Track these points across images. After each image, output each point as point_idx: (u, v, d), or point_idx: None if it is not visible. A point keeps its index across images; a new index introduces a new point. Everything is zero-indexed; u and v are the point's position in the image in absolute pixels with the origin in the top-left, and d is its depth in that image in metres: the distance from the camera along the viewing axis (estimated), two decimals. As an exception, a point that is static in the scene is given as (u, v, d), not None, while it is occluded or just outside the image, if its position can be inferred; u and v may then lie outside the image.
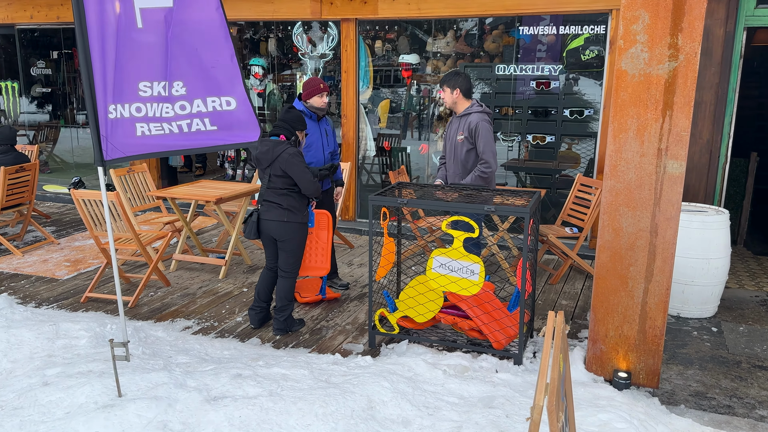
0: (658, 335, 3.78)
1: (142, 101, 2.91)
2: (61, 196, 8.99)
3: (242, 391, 3.19)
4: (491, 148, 4.67)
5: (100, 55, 2.80)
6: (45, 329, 3.97)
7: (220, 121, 2.99)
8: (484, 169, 4.67)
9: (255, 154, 4.31)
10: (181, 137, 2.97)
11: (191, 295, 5.37)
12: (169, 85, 2.91)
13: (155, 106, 2.92)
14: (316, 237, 4.84)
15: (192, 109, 2.96)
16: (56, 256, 6.42)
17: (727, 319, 5.00)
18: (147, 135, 2.93)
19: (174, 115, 2.94)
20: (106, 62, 2.81)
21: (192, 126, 2.96)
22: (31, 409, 3.05)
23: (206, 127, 2.97)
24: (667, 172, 3.58)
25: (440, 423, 3.05)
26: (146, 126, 2.92)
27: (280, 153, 4.23)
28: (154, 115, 2.91)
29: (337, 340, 4.51)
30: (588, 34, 6.37)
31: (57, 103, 9.69)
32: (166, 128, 2.94)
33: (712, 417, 3.59)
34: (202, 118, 2.97)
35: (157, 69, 2.91)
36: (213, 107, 2.98)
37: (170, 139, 2.95)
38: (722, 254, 4.92)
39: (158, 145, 2.94)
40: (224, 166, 8.94)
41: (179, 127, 2.95)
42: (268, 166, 4.28)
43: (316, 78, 5.00)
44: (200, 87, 2.97)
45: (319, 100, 4.96)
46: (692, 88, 3.46)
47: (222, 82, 2.96)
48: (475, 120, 4.69)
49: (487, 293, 4.42)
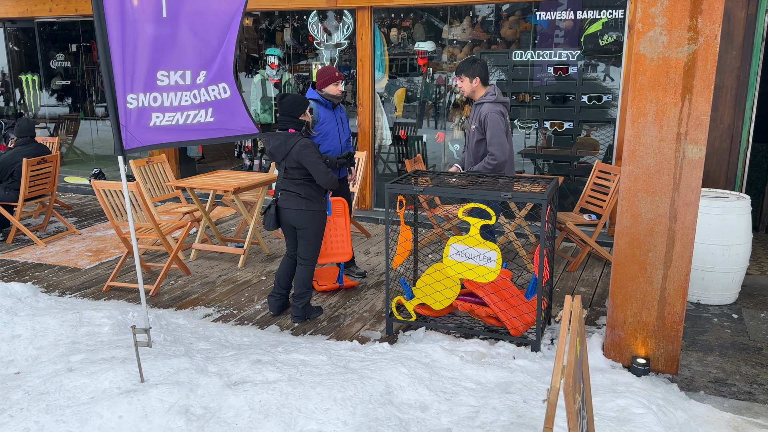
0: (678, 321, 3.75)
1: (159, 91, 2.94)
2: (82, 187, 9.12)
3: (262, 377, 3.23)
4: (499, 139, 4.62)
5: (120, 44, 2.83)
6: (69, 317, 4.05)
7: (219, 110, 3.02)
8: (490, 161, 4.64)
9: (269, 149, 4.32)
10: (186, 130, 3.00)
11: (211, 284, 5.44)
12: (193, 74, 2.94)
13: (172, 96, 2.95)
14: (335, 224, 4.88)
15: (201, 98, 2.99)
16: (78, 246, 6.52)
17: (748, 305, 4.95)
18: (159, 126, 2.96)
19: (191, 103, 2.98)
20: (125, 52, 2.84)
21: (196, 117, 2.98)
22: (56, 394, 3.12)
23: (206, 118, 3.00)
24: (686, 157, 3.54)
25: (457, 408, 3.07)
26: (161, 116, 2.95)
27: (292, 146, 4.25)
28: (171, 104, 2.95)
29: (355, 327, 4.54)
30: (606, 18, 6.29)
31: (76, 96, 9.80)
32: (176, 119, 2.96)
33: (732, 403, 3.57)
34: (206, 109, 3.00)
35: (178, 58, 2.94)
36: (214, 96, 3.00)
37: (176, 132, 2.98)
38: (743, 240, 4.87)
39: (167, 137, 2.98)
40: (241, 157, 8.99)
41: (186, 117, 2.97)
42: (283, 159, 4.30)
43: (331, 66, 5.01)
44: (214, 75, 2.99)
45: (335, 89, 4.97)
46: (712, 72, 3.41)
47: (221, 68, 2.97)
48: (485, 110, 4.66)
49: (504, 280, 4.42)
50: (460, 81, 4.78)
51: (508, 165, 4.79)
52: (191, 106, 2.98)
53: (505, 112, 4.73)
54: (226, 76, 2.99)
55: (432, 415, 3.01)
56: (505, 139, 4.66)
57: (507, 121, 4.74)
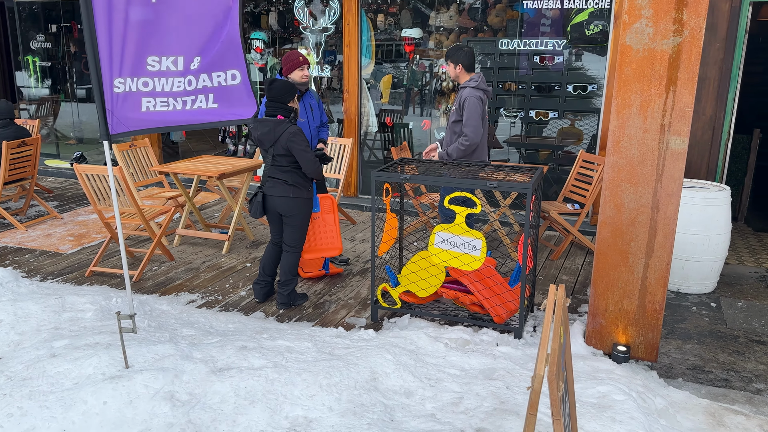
0: (658, 310, 3.82)
1: (149, 76, 2.91)
2: (63, 170, 9.01)
3: (247, 363, 3.24)
4: (474, 122, 4.76)
5: (107, 28, 2.79)
6: (51, 302, 4.02)
7: (222, 96, 2.99)
8: (463, 141, 4.79)
9: (257, 136, 4.29)
10: (183, 113, 2.98)
11: (195, 270, 5.42)
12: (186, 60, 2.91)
13: (164, 81, 2.93)
14: (323, 221, 4.89)
15: (198, 84, 2.96)
16: (60, 230, 6.45)
17: (726, 294, 5.04)
18: (151, 110, 2.93)
19: (183, 90, 2.95)
20: (112, 36, 2.80)
21: (196, 103, 2.96)
22: (39, 380, 3.11)
23: (208, 104, 2.98)
24: (669, 148, 3.59)
25: (442, 394, 3.11)
26: (153, 101, 2.92)
27: (281, 133, 4.24)
28: (162, 90, 2.92)
29: (340, 314, 4.56)
30: (592, 8, 6.31)
31: (57, 78, 9.65)
32: (171, 103, 2.94)
33: (709, 390, 3.65)
34: (206, 94, 2.97)
35: (170, 43, 2.90)
36: (218, 82, 2.98)
37: (173, 115, 2.96)
38: (723, 230, 4.95)
39: (161, 121, 2.95)
40: (225, 142, 8.93)
41: (183, 103, 2.95)
42: (271, 146, 4.28)
43: (295, 51, 4.89)
44: (210, 62, 2.97)
45: (300, 74, 4.86)
46: (696, 64, 3.45)
47: (228, 55, 2.95)
48: (465, 94, 4.81)
49: (488, 268, 4.46)
50: (447, 65, 4.95)
51: (479, 149, 4.94)
52: (184, 92, 2.95)
53: (485, 99, 4.87)
54: (235, 63, 2.96)
55: (416, 401, 3.04)
56: (479, 122, 4.80)
57: (485, 108, 4.88)
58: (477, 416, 2.90)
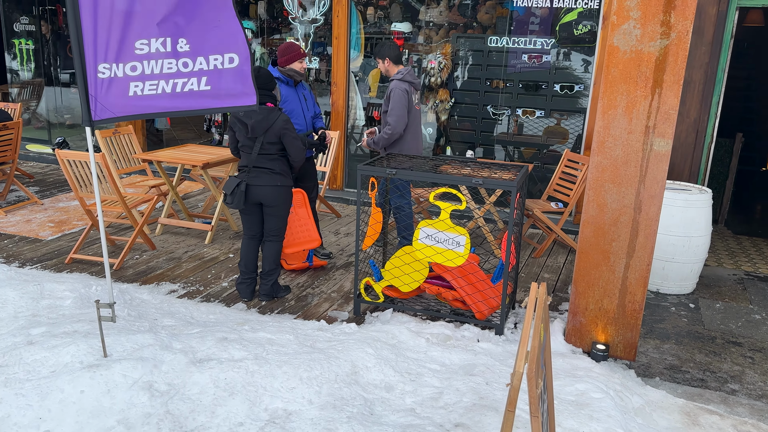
0: (637, 310, 3.86)
1: (138, 59, 2.87)
2: (45, 156, 8.88)
3: (228, 354, 3.22)
4: (397, 112, 5.03)
5: (92, 14, 2.75)
6: (29, 289, 3.97)
7: (215, 79, 2.96)
8: (387, 130, 5.08)
9: (250, 124, 4.23)
10: (175, 97, 2.94)
11: (177, 260, 5.37)
12: (173, 42, 2.87)
13: (153, 63, 2.88)
14: (297, 215, 4.91)
15: (194, 66, 2.92)
16: (40, 216, 6.37)
17: (704, 296, 5.11)
18: (139, 95, 2.89)
19: (176, 71, 2.90)
20: (98, 21, 2.76)
21: (186, 85, 2.92)
22: (15, 367, 3.07)
23: (200, 86, 2.94)
24: (653, 150, 3.62)
25: (422, 389, 3.12)
26: (141, 84, 2.88)
27: (274, 120, 4.24)
28: (152, 72, 2.88)
29: (323, 307, 4.56)
30: (581, 8, 6.34)
31: (40, 61, 9.50)
32: (161, 86, 2.90)
33: (686, 389, 3.70)
34: (199, 77, 2.94)
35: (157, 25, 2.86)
36: (215, 65, 2.94)
37: (162, 100, 2.92)
38: (703, 233, 5.00)
39: (150, 106, 2.91)
40: (210, 131, 8.86)
41: (174, 85, 2.91)
42: (263, 133, 4.24)
43: (293, 43, 4.92)
44: (204, 45, 2.93)
45: (300, 65, 4.94)
46: (682, 67, 3.48)
47: (225, 39, 2.92)
48: (392, 86, 5.14)
49: (471, 265, 4.47)
50: (378, 63, 5.27)
51: (407, 139, 5.19)
52: (177, 73, 2.91)
53: (410, 90, 5.15)
54: (233, 47, 2.92)
55: (397, 396, 3.05)
56: (403, 113, 5.06)
57: (410, 98, 5.15)
58: (456, 411, 2.91)
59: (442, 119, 7.21)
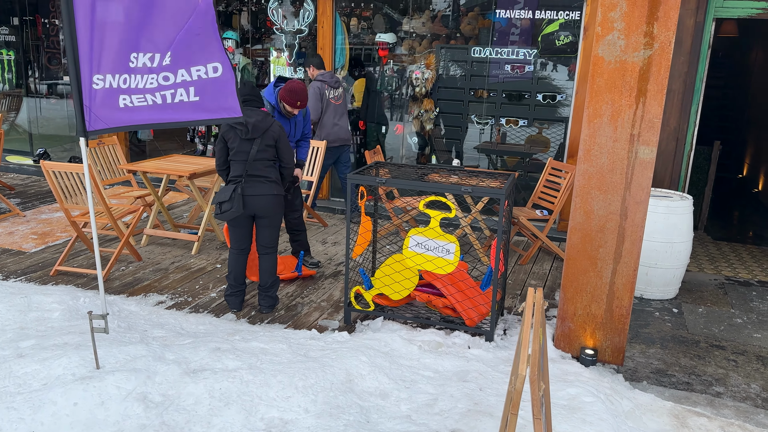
0: (625, 314, 3.92)
1: (129, 72, 2.87)
2: (26, 167, 8.76)
3: (222, 364, 3.21)
4: (311, 104, 6.23)
5: (88, 25, 2.75)
6: (16, 301, 3.92)
7: (203, 89, 2.97)
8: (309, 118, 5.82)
9: (252, 122, 4.18)
10: (165, 109, 2.94)
11: (163, 270, 5.34)
12: (161, 57, 2.88)
13: (139, 78, 2.89)
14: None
15: (176, 78, 2.93)
16: (22, 228, 6.28)
17: (687, 300, 5.20)
18: (129, 107, 2.89)
19: (157, 86, 2.91)
20: (93, 31, 2.75)
21: (176, 96, 2.93)
22: (5, 381, 3.03)
23: (189, 97, 2.95)
24: (638, 158, 3.70)
25: (417, 395, 3.14)
26: (129, 98, 2.88)
27: (271, 123, 4.29)
28: (137, 87, 2.88)
29: (313, 316, 4.56)
30: (563, 19, 6.46)
31: (19, 71, 9.39)
32: (149, 99, 2.90)
33: (673, 393, 3.77)
34: (186, 88, 2.95)
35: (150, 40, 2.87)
36: (198, 76, 2.95)
37: (154, 112, 2.92)
38: (685, 238, 5.11)
39: (140, 119, 2.91)
40: (194, 141, 8.82)
41: (163, 97, 2.91)
42: (261, 135, 4.24)
43: (303, 90, 4.90)
44: (185, 56, 2.94)
45: (290, 110, 5.01)
46: (665, 76, 3.57)
47: (206, 49, 2.93)
48: (311, 85, 6.32)
49: (461, 272, 4.51)
50: (306, 69, 6.58)
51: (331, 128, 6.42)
52: (159, 87, 2.92)
53: (323, 86, 6.30)
54: (216, 56, 2.94)
55: (392, 403, 3.06)
56: (317, 105, 6.29)
57: (324, 93, 6.30)
58: (452, 417, 2.94)
59: (427, 128, 7.27)
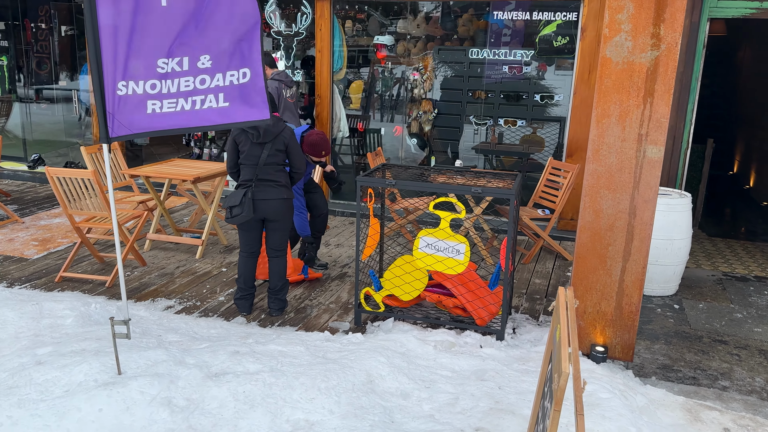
0: (634, 311, 3.99)
1: (158, 78, 2.87)
2: (20, 173, 8.68)
3: (242, 368, 3.23)
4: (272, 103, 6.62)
5: (112, 33, 2.75)
6: (28, 309, 3.90)
7: (233, 95, 2.98)
8: None
9: (263, 127, 4.20)
10: (192, 114, 2.95)
11: (169, 275, 5.33)
12: (192, 59, 2.89)
13: (170, 82, 2.89)
14: None
15: (211, 83, 2.94)
16: (22, 235, 6.23)
17: (687, 297, 5.29)
18: (158, 112, 2.90)
19: (193, 88, 2.92)
20: (118, 39, 2.76)
21: (205, 102, 2.94)
22: (27, 388, 3.02)
23: (218, 103, 2.96)
24: (646, 157, 3.76)
25: (437, 395, 3.17)
26: (159, 103, 2.89)
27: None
28: (169, 91, 2.88)
29: (323, 318, 4.58)
30: (560, 21, 6.53)
31: (11, 77, 9.30)
32: (180, 104, 2.91)
33: (681, 388, 3.84)
34: (216, 94, 2.96)
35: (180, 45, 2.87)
36: (230, 81, 2.97)
37: (181, 117, 2.93)
38: (684, 235, 5.19)
39: (168, 123, 2.91)
40: (190, 145, 8.79)
41: (193, 103, 2.92)
42: (272, 140, 4.25)
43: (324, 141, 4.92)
44: (225, 61, 2.95)
45: (319, 161, 5.05)
46: (672, 77, 3.64)
47: (244, 55, 2.95)
48: (269, 83, 6.29)
49: (470, 272, 4.56)
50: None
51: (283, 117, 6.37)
52: (194, 91, 2.92)
53: (281, 86, 6.39)
54: (249, 61, 2.96)
55: (414, 403, 3.10)
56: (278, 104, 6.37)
57: (282, 92, 6.38)
58: (474, 416, 2.98)
59: (426, 130, 7.32)
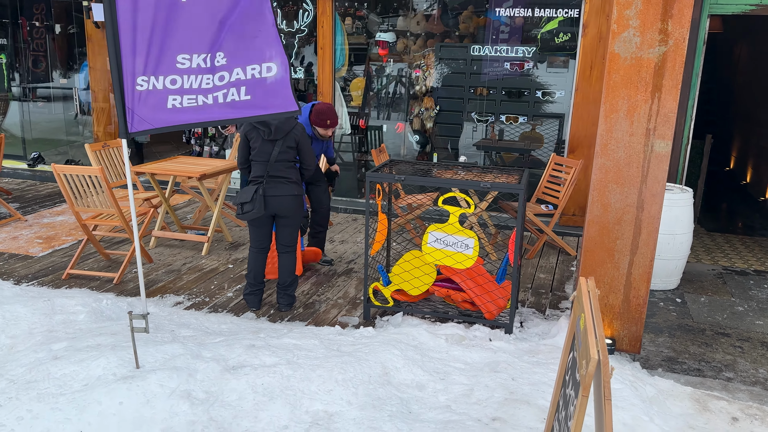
0: (641, 304, 4.04)
1: (179, 73, 2.89)
2: (20, 171, 8.66)
3: (259, 361, 3.26)
4: None
5: (131, 28, 2.77)
6: (40, 305, 3.91)
7: (255, 88, 3.01)
8: None
9: (275, 124, 4.22)
10: (215, 108, 2.97)
11: (176, 272, 5.34)
12: (212, 57, 2.92)
13: (192, 78, 2.91)
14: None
15: (231, 77, 2.97)
16: (26, 233, 6.23)
17: (689, 290, 5.36)
18: (178, 108, 2.92)
19: (213, 86, 2.95)
20: (137, 35, 2.78)
21: (228, 96, 2.97)
22: (45, 383, 3.04)
23: (240, 96, 2.98)
24: (654, 151, 3.82)
25: (452, 386, 3.21)
26: (179, 98, 2.91)
27: (294, 125, 4.33)
28: (191, 87, 2.91)
29: (331, 313, 4.61)
30: (562, 17, 6.58)
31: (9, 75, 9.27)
32: (200, 100, 2.93)
33: (687, 379, 3.90)
34: (238, 87, 2.98)
35: (200, 41, 2.90)
36: (252, 74, 2.99)
37: (204, 111, 2.95)
38: (686, 230, 5.25)
39: (190, 118, 2.93)
40: (190, 143, 8.79)
41: (215, 99, 2.95)
42: (283, 137, 4.28)
43: (331, 110, 4.93)
44: (241, 56, 2.98)
45: (323, 132, 5.02)
46: (680, 72, 3.69)
47: (263, 49, 2.98)
48: None
49: (478, 267, 4.60)
50: None
51: None
52: (214, 88, 2.95)
53: None
54: (271, 55, 2.99)
55: (429, 394, 3.14)
56: None
57: None
58: (491, 406, 3.02)
59: (428, 127, 7.35)
